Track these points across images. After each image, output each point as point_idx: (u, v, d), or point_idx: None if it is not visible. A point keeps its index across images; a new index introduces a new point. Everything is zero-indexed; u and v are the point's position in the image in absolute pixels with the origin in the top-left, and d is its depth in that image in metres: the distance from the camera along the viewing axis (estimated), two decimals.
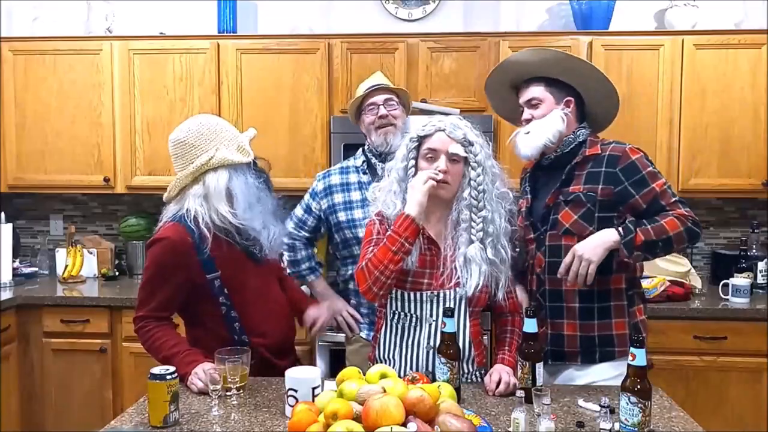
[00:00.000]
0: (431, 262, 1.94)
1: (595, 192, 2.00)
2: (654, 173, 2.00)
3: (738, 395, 3.03)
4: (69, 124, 3.54)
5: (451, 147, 1.90)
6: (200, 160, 1.93)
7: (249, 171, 1.99)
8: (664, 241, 1.93)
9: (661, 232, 1.93)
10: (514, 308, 2.05)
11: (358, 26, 3.67)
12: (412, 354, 1.95)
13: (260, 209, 1.98)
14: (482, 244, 1.91)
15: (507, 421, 1.62)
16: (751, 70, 3.26)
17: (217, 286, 1.96)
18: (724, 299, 3.15)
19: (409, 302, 1.95)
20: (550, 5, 3.71)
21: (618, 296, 2.04)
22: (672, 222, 1.94)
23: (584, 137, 2.09)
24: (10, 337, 3.18)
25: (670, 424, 1.66)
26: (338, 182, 2.52)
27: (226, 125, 2.02)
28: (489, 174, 1.94)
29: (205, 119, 2.01)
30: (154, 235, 1.97)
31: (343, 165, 2.60)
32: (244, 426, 1.63)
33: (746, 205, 3.64)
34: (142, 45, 3.49)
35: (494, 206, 1.93)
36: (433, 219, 1.98)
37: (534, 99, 2.09)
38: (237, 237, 1.97)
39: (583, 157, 2.05)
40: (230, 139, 1.98)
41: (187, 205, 1.94)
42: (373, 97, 2.48)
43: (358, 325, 2.50)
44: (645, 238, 1.91)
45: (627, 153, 2.02)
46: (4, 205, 3.60)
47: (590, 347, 2.04)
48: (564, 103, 2.08)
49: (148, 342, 1.98)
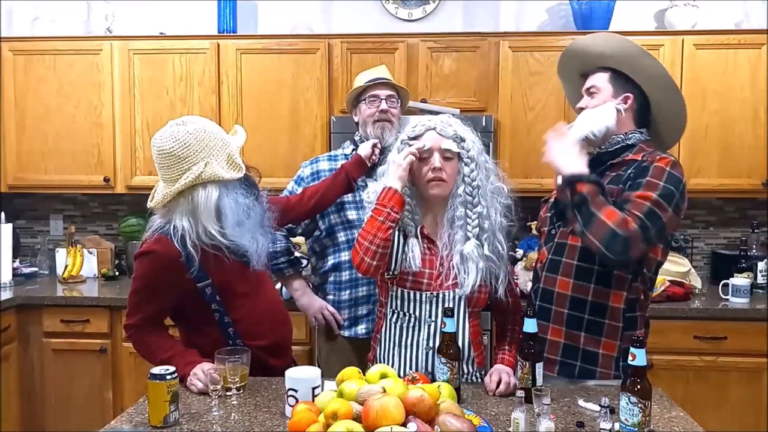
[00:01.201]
0: (430, 262, 1.94)
1: (611, 193, 1.84)
2: (654, 185, 1.78)
3: (738, 395, 3.03)
4: (69, 124, 3.54)
5: (443, 144, 1.90)
6: (190, 174, 1.83)
7: (240, 187, 1.92)
8: (589, 215, 1.74)
9: (599, 207, 1.74)
10: (516, 305, 2.03)
11: (358, 26, 3.67)
12: (411, 354, 1.95)
13: (249, 224, 1.93)
14: (478, 240, 1.90)
15: (507, 421, 1.62)
16: (751, 70, 3.26)
17: (209, 293, 1.93)
18: (724, 299, 3.15)
19: (409, 302, 1.95)
20: (550, 5, 3.71)
21: (614, 316, 1.89)
22: (614, 214, 1.73)
23: (635, 141, 1.92)
24: (10, 337, 3.18)
25: (670, 424, 1.66)
26: (327, 168, 2.50)
27: (215, 132, 1.91)
28: (483, 169, 1.93)
29: (193, 128, 1.86)
30: (142, 246, 1.92)
31: (332, 153, 2.60)
32: (244, 426, 1.63)
33: (746, 205, 3.64)
34: (142, 45, 3.49)
35: (489, 201, 1.92)
36: (430, 219, 1.98)
37: (593, 87, 1.95)
38: (226, 252, 1.90)
39: (623, 160, 1.89)
40: (220, 150, 1.88)
41: (174, 221, 1.87)
42: (376, 90, 2.47)
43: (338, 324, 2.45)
44: (585, 192, 1.75)
45: (655, 158, 1.84)
46: (4, 205, 3.60)
47: (571, 359, 1.92)
48: (622, 98, 1.92)
49: (142, 349, 1.98)
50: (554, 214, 2.02)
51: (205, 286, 1.92)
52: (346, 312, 2.45)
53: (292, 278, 2.51)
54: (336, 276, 2.46)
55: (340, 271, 2.44)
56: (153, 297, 1.94)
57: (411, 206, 1.95)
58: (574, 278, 1.92)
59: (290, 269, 2.50)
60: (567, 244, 1.94)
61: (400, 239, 1.94)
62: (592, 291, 1.89)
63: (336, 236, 2.43)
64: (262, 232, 1.97)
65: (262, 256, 1.97)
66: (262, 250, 1.97)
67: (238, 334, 1.97)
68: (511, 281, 2.04)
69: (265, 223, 1.99)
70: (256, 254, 1.95)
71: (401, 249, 1.93)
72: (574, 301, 1.91)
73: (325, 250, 2.47)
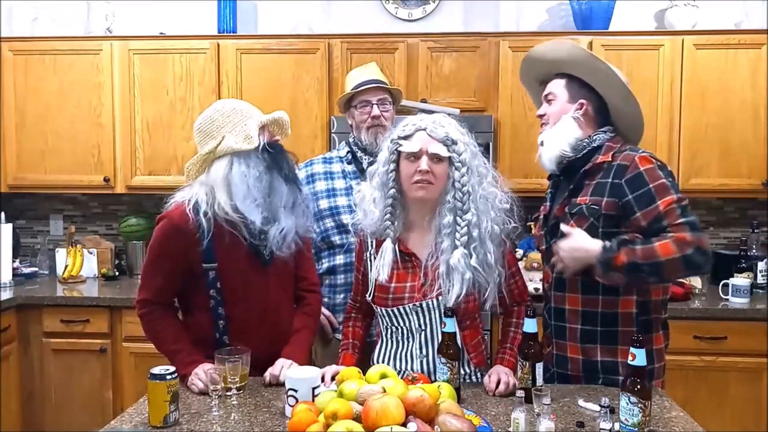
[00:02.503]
0: (413, 275, 1.89)
1: (599, 205, 1.85)
2: (664, 187, 1.80)
3: (738, 395, 3.03)
4: (69, 124, 3.54)
5: (431, 147, 1.80)
6: (208, 147, 1.91)
7: (252, 158, 1.90)
8: (652, 266, 1.73)
9: (650, 255, 1.73)
10: (521, 299, 1.99)
11: (358, 26, 3.67)
12: (406, 365, 1.92)
13: (262, 200, 1.89)
14: (466, 249, 1.82)
15: (507, 421, 1.61)
16: (751, 70, 3.26)
17: (212, 277, 1.93)
18: (724, 299, 3.15)
19: (395, 317, 1.92)
20: (550, 5, 3.71)
21: (627, 322, 1.88)
22: (667, 246, 1.72)
23: (601, 142, 1.92)
24: (10, 337, 3.18)
25: (670, 424, 1.66)
26: (321, 170, 2.48)
27: (243, 109, 1.95)
28: (475, 174, 1.84)
29: (222, 105, 1.97)
30: (162, 213, 1.96)
31: (326, 155, 2.57)
32: (244, 426, 1.63)
33: (746, 205, 3.64)
34: (142, 45, 3.49)
35: (481, 208, 1.84)
36: (416, 226, 1.92)
37: (550, 94, 1.98)
38: (245, 232, 1.90)
39: (593, 164, 1.89)
40: (239, 125, 1.92)
41: (193, 190, 1.92)
42: (366, 96, 2.42)
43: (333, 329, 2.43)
44: (627, 259, 1.73)
45: (636, 162, 1.83)
46: (4, 205, 3.60)
47: (593, 372, 1.91)
48: (577, 105, 1.93)
49: (151, 332, 1.98)
50: (547, 232, 2.01)
51: (210, 268, 1.92)
52: (340, 315, 2.43)
53: None
54: (331, 279, 2.44)
55: (335, 275, 2.43)
56: (165, 264, 1.93)
57: (395, 212, 1.89)
58: (582, 293, 1.91)
59: None
60: None
61: (371, 258, 1.94)
62: (602, 302, 1.88)
63: (331, 240, 2.41)
64: (285, 214, 1.93)
65: (284, 241, 1.91)
66: (284, 234, 1.91)
67: (227, 330, 1.96)
68: (519, 282, 2.00)
69: (295, 206, 1.96)
70: (276, 237, 1.90)
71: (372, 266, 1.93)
72: (586, 315, 1.91)
73: (320, 253, 2.45)
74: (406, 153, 1.83)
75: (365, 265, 1.98)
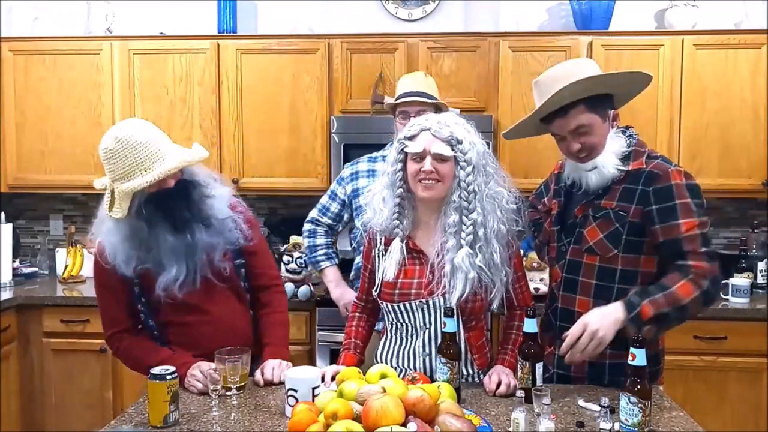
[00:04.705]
0: (420, 272, 1.90)
1: (627, 212, 1.82)
2: (689, 208, 1.77)
3: (738, 395, 3.03)
4: (69, 124, 3.54)
5: (434, 147, 1.80)
6: (101, 181, 2.00)
7: (122, 222, 1.87)
8: (678, 310, 1.73)
9: (673, 301, 1.72)
10: (525, 304, 1.97)
11: (358, 26, 3.67)
12: (409, 363, 1.93)
13: (134, 253, 1.85)
14: (472, 248, 1.82)
15: (507, 421, 1.62)
16: (751, 70, 3.26)
17: (137, 292, 1.94)
18: (724, 299, 3.15)
19: (401, 313, 1.92)
20: (550, 5, 3.71)
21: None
22: (686, 287, 1.73)
23: (630, 146, 1.87)
24: (10, 337, 3.18)
25: (670, 424, 1.66)
26: (365, 168, 2.61)
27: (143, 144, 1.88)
28: (481, 173, 1.83)
29: (125, 135, 1.91)
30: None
31: (373, 155, 2.67)
32: (244, 426, 1.63)
33: (746, 205, 3.64)
34: (142, 45, 3.49)
35: (487, 208, 1.83)
36: (424, 224, 1.92)
37: (582, 127, 1.83)
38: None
39: (626, 172, 1.84)
40: (135, 172, 1.89)
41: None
42: (406, 107, 2.50)
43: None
44: (654, 310, 1.71)
45: (668, 174, 1.80)
46: (4, 205, 3.60)
47: (599, 375, 1.91)
48: (611, 119, 1.87)
49: (130, 359, 2.01)
50: (561, 230, 1.98)
51: (132, 285, 1.93)
52: None
53: (327, 270, 2.66)
54: None
55: None
56: (107, 296, 1.97)
57: (403, 211, 1.89)
58: (594, 297, 1.89)
59: (326, 261, 2.65)
60: (582, 263, 1.91)
61: (379, 255, 1.95)
62: None
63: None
64: (179, 257, 1.84)
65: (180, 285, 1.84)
66: (177, 280, 1.84)
67: (165, 339, 1.98)
68: (523, 285, 1.98)
69: (211, 227, 1.88)
70: (166, 284, 1.84)
71: (380, 264, 1.94)
72: None
73: (360, 247, 2.47)
74: (411, 153, 1.83)
75: (373, 263, 1.99)
